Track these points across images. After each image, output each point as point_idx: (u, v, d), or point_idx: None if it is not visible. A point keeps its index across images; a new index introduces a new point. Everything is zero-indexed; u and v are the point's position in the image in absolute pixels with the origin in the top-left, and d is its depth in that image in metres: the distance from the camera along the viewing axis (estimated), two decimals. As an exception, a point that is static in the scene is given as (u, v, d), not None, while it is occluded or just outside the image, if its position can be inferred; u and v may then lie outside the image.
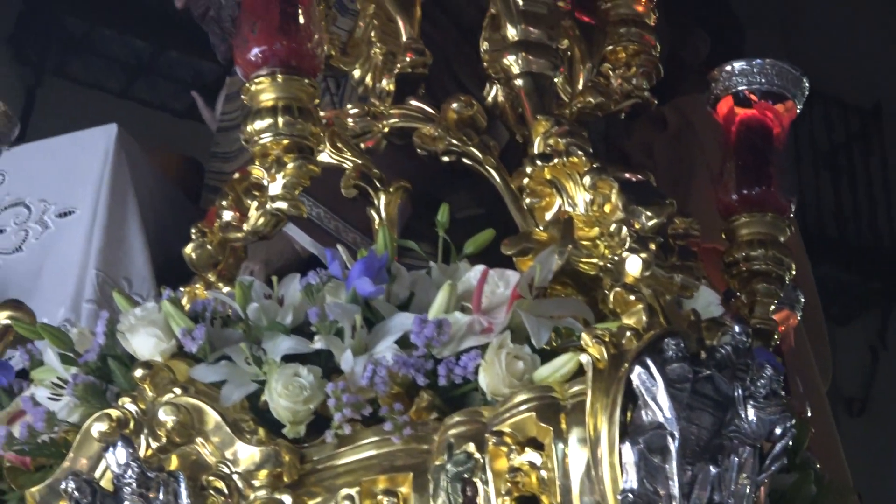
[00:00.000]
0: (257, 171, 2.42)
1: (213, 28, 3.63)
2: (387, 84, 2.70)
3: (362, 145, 2.63)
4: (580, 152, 2.43)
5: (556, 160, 2.44)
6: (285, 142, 2.39)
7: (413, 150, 2.66)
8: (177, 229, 3.26)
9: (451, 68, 3.08)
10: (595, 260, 2.38)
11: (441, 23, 3.19)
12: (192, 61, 8.79)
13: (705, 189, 3.71)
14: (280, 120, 2.38)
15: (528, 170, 2.47)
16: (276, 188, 2.40)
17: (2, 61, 8.92)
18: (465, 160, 2.60)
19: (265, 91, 2.39)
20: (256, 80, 2.40)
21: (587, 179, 2.40)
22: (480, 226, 2.56)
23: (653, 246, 2.32)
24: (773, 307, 2.74)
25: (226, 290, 2.50)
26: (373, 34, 2.76)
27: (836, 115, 10.33)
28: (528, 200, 2.49)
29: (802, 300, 3.31)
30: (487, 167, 2.58)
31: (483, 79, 2.87)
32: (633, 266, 2.28)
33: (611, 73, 2.80)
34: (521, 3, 2.66)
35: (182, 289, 2.53)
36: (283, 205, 2.40)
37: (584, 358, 2.14)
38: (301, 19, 2.41)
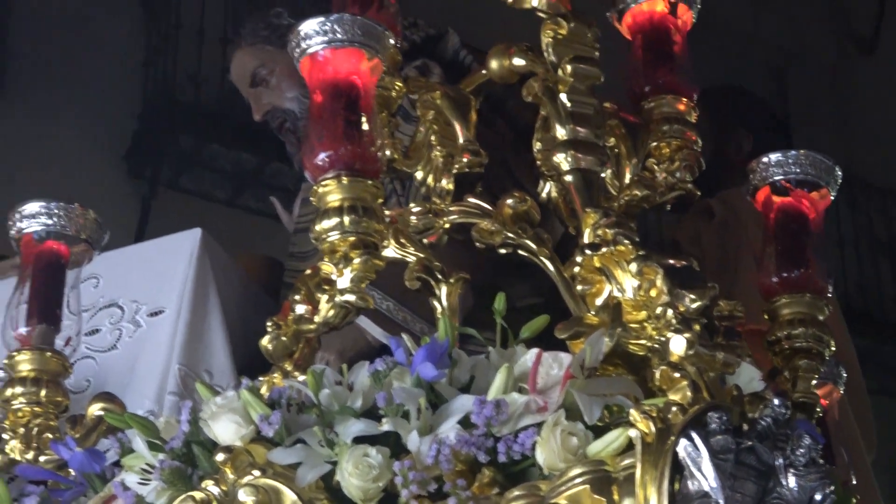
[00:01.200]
0: (326, 267, 2.45)
1: (289, 138, 3.69)
2: (446, 183, 2.73)
3: (425, 240, 2.66)
4: (627, 241, 2.45)
5: (604, 249, 2.47)
6: (351, 239, 2.42)
7: (472, 243, 2.68)
8: (260, 324, 3.30)
9: (507, 167, 3.12)
10: (643, 341, 2.40)
11: (498, 126, 3.23)
12: (292, 171, 8.91)
13: (750, 274, 3.71)
14: (346, 219, 2.41)
15: (579, 259, 2.49)
16: (343, 282, 2.43)
17: (119, 176, 9.10)
18: (521, 252, 2.62)
19: (332, 192, 2.42)
20: (323, 183, 2.43)
21: (634, 266, 2.42)
22: (539, 313, 2.57)
23: (696, 327, 2.34)
24: (814, 381, 2.73)
25: (301, 378, 2.53)
26: (433, 138, 2.80)
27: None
28: (579, 287, 2.51)
29: (844, 375, 3.30)
30: (542, 258, 2.60)
31: (538, 176, 2.90)
32: (678, 345, 2.30)
33: (655, 167, 2.81)
34: (569, 105, 2.69)
35: (261, 378, 2.56)
36: (350, 297, 2.43)
37: (633, 433, 2.15)
38: (363, 126, 2.44)
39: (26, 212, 2.71)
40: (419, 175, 2.80)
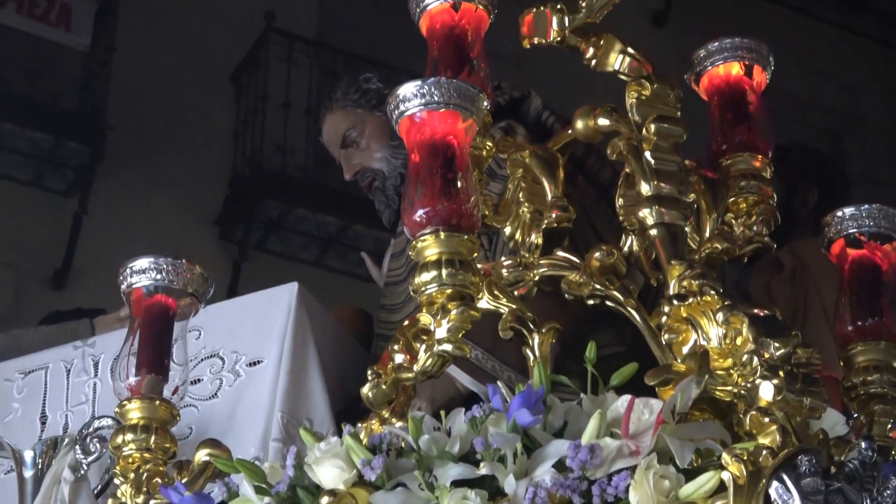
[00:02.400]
0: (424, 318, 2.40)
1: (378, 197, 3.66)
2: (536, 238, 2.68)
3: (515, 292, 2.61)
4: (713, 292, 2.40)
5: (691, 299, 2.41)
6: (449, 291, 2.37)
7: (560, 295, 2.63)
8: (353, 373, 3.26)
9: (590, 221, 3.07)
10: (729, 387, 2.34)
11: (579, 182, 3.18)
12: (374, 233, 8.94)
13: (819, 322, 3.65)
14: (444, 272, 2.36)
15: (667, 309, 2.43)
16: (441, 332, 2.38)
17: (211, 239, 9.16)
18: (609, 303, 2.56)
19: (430, 247, 2.38)
20: (422, 238, 2.39)
21: (720, 316, 2.36)
22: (622, 361, 2.51)
23: (782, 373, 2.28)
24: (889, 426, 2.65)
25: (398, 424, 2.48)
26: (521, 195, 2.75)
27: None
28: (666, 336, 2.45)
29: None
30: (628, 308, 2.54)
31: (618, 230, 2.85)
32: (767, 391, 2.24)
33: (733, 221, 2.76)
34: (653, 162, 2.63)
35: (360, 425, 2.51)
36: (448, 347, 2.38)
37: (725, 475, 2.11)
38: (459, 183, 2.40)
39: (136, 267, 2.67)
40: (507, 230, 2.75)
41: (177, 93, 9.43)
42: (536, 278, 2.62)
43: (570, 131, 2.80)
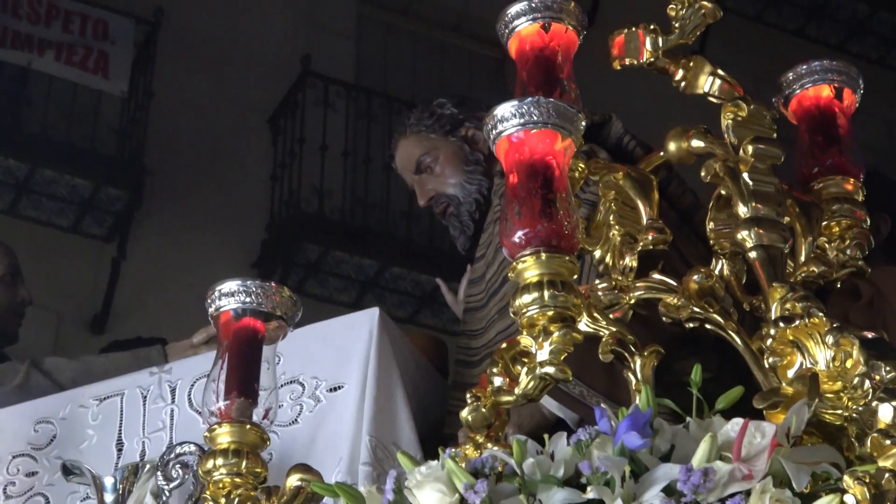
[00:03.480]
0: (525, 340, 2.32)
1: (453, 223, 3.57)
2: (630, 261, 2.59)
3: (611, 316, 2.52)
4: (820, 314, 2.32)
5: (797, 322, 2.33)
6: (550, 313, 2.29)
7: (650, 321, 2.55)
8: (432, 399, 3.18)
9: (675, 246, 2.99)
10: (839, 411, 2.25)
11: (662, 208, 3.10)
12: (412, 275, 8.87)
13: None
14: (545, 293, 2.28)
15: (772, 332, 2.35)
16: (543, 355, 2.30)
17: (249, 282, 9.04)
18: (708, 326, 2.48)
19: (530, 268, 2.30)
20: (521, 260, 2.31)
21: (829, 338, 2.28)
22: (708, 389, 2.42)
23: (897, 396, 2.19)
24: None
25: (493, 449, 2.39)
26: (611, 218, 2.67)
27: None
28: (770, 360, 2.36)
29: None
30: (729, 331, 2.46)
31: (702, 256, 2.78)
32: (886, 413, 2.15)
33: (826, 245, 2.68)
34: (751, 184, 2.55)
35: (454, 449, 2.42)
36: (550, 369, 2.30)
37: (848, 498, 2.02)
38: (559, 204, 2.32)
39: (225, 290, 2.59)
40: (598, 254, 2.67)
41: (214, 137, 9.38)
42: (632, 301, 2.53)
43: (661, 153, 2.72)
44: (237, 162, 9.38)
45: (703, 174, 2.62)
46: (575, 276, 2.34)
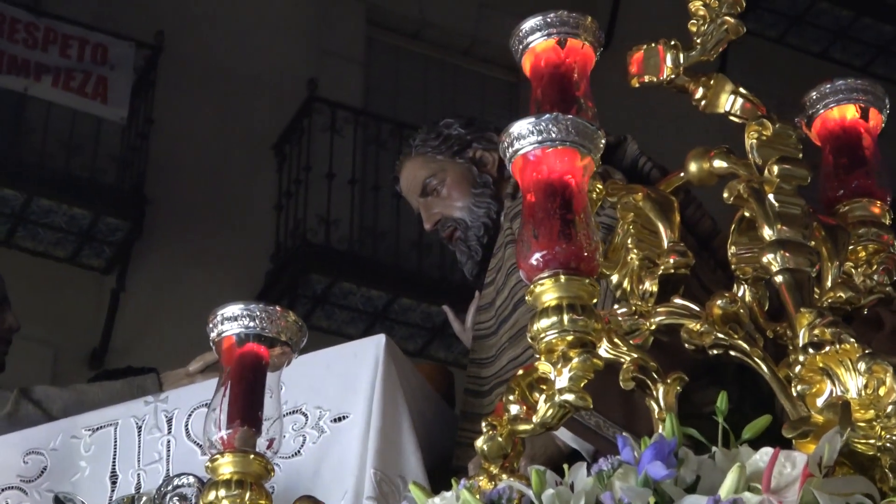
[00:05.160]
0: (544, 367, 2.27)
1: (460, 248, 3.51)
2: (650, 285, 2.54)
3: (631, 342, 2.47)
4: (851, 340, 2.26)
5: (827, 348, 2.27)
6: (570, 338, 2.24)
7: (669, 349, 2.50)
8: (439, 429, 3.12)
9: (694, 272, 2.94)
10: (872, 440, 2.19)
11: (680, 232, 3.06)
12: (422, 307, 8.81)
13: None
14: (565, 318, 2.23)
15: (801, 358, 2.29)
16: (562, 381, 2.25)
17: (253, 316, 8.98)
18: (733, 353, 2.42)
19: (548, 291, 2.25)
20: (539, 282, 2.26)
21: (862, 365, 2.22)
22: (728, 419, 2.37)
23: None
24: None
25: (509, 480, 2.34)
26: (629, 241, 2.62)
27: None
28: (798, 387, 2.31)
29: None
30: (755, 358, 2.40)
31: (721, 281, 2.72)
32: (921, 444, 2.09)
33: (853, 270, 2.62)
34: (777, 205, 2.50)
35: (468, 481, 2.36)
36: (570, 397, 2.25)
37: (885, 531, 1.96)
38: (578, 225, 2.28)
39: (227, 314, 2.53)
40: (615, 278, 2.61)
41: (217, 164, 9.34)
42: (653, 327, 2.48)
43: (681, 174, 2.67)
44: (241, 190, 9.33)
45: (725, 195, 2.56)
46: (595, 300, 2.29)
